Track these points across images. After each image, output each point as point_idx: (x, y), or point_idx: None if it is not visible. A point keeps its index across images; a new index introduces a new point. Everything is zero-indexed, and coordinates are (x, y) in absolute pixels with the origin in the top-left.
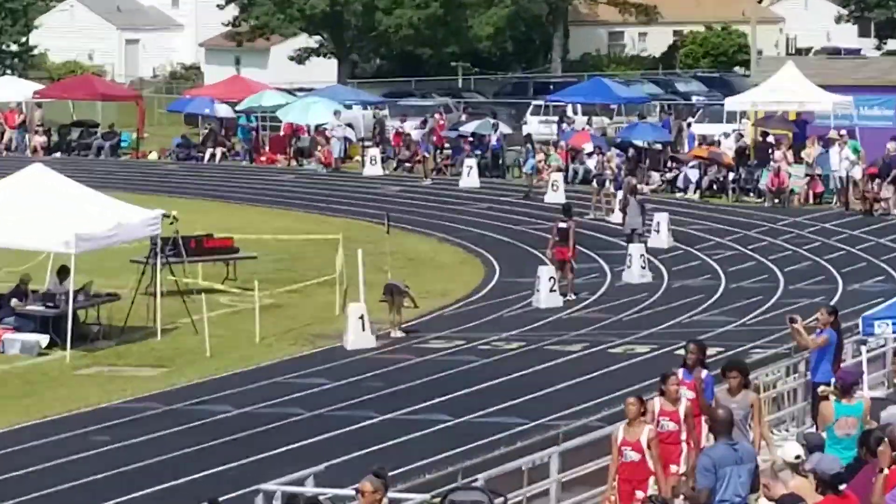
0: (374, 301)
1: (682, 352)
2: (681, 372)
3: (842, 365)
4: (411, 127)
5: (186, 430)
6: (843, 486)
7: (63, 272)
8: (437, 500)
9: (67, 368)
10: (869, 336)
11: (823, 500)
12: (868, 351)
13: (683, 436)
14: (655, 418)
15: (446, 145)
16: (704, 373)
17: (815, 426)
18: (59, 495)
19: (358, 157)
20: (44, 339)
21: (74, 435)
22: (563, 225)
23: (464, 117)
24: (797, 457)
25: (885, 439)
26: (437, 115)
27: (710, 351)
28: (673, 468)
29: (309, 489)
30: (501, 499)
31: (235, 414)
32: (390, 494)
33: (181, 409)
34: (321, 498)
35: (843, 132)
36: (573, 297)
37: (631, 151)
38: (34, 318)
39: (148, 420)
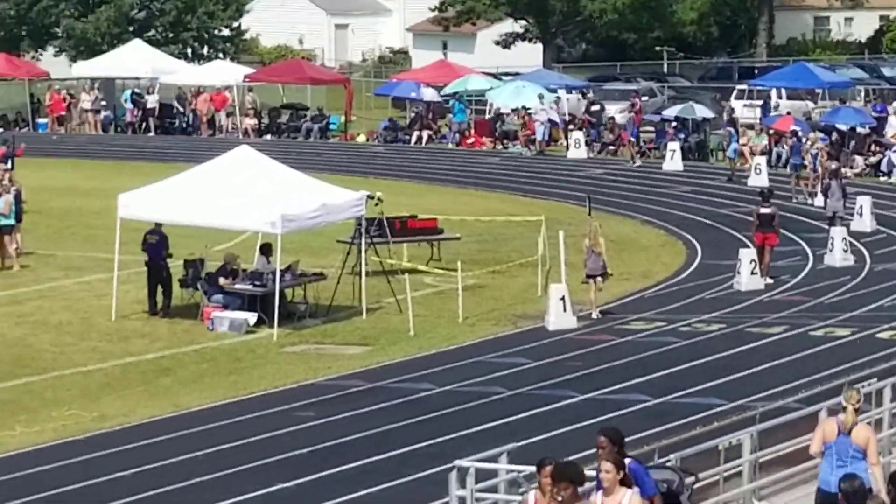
0: (576, 282)
1: (883, 335)
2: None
3: None
4: (616, 110)
5: (389, 408)
6: None
7: (266, 249)
8: None
9: (274, 346)
10: None
11: None
12: None
13: None
14: None
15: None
16: (626, 462)
17: None
18: (265, 469)
19: (562, 141)
20: (252, 318)
21: (280, 411)
22: (764, 211)
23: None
24: None
25: None
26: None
27: None
28: None
29: (503, 465)
30: (692, 478)
31: (437, 392)
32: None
33: (384, 387)
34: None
35: None
36: (770, 280)
37: (834, 135)
38: (242, 296)
39: (352, 397)
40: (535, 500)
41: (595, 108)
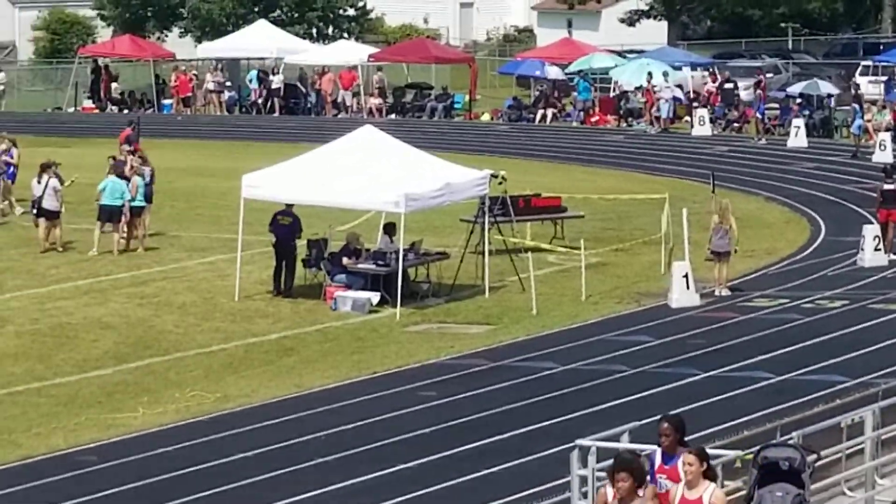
0: (699, 260)
1: None
2: (658, 456)
3: None
4: (741, 87)
5: (511, 386)
6: None
7: (389, 228)
8: (750, 456)
9: (397, 325)
10: None
11: None
12: None
13: None
14: None
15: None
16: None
17: None
18: (388, 448)
19: (687, 118)
20: (375, 297)
21: (403, 390)
22: (889, 187)
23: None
24: None
25: None
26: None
27: None
28: None
29: (625, 444)
30: (814, 456)
31: (559, 370)
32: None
33: (507, 366)
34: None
35: None
36: (894, 256)
37: None
38: (365, 275)
39: (474, 376)
40: (613, 494)
41: (728, 85)
